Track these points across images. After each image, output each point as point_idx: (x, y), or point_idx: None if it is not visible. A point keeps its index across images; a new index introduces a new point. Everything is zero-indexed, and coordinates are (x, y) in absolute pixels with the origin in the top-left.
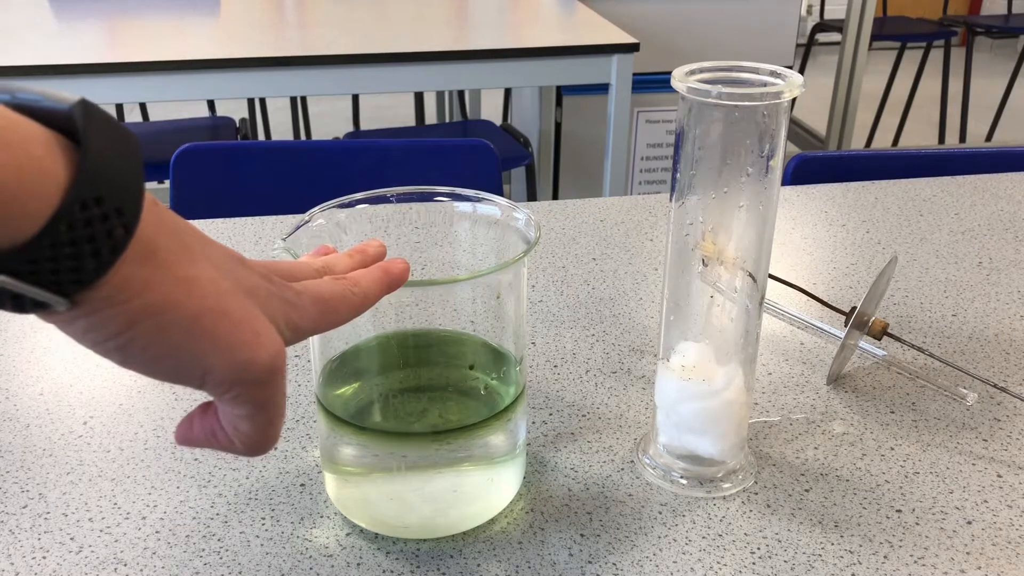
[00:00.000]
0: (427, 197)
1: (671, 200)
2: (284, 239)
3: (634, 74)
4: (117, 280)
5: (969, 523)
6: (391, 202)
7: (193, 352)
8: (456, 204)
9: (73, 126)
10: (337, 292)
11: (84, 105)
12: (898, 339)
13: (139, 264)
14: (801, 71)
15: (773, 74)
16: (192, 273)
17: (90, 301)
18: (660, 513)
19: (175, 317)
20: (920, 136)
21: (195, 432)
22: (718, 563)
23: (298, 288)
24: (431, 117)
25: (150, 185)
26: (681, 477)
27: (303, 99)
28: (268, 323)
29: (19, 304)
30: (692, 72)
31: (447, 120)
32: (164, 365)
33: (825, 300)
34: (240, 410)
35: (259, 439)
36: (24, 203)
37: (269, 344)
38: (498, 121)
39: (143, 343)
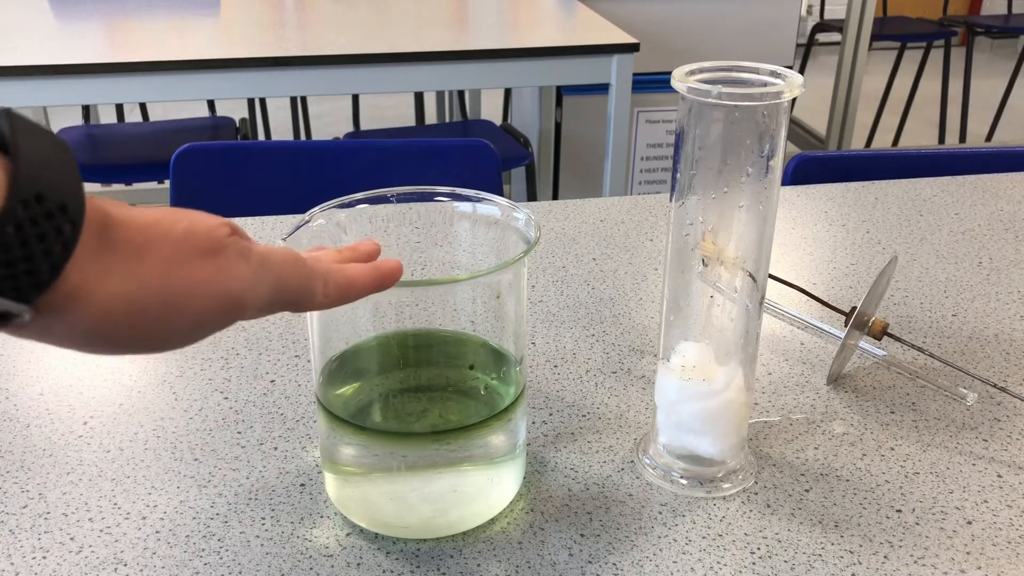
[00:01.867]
0: (427, 197)
1: (671, 200)
2: (284, 239)
3: (634, 74)
4: (75, 277)
5: (969, 523)
6: (391, 202)
7: (179, 312)
8: (456, 204)
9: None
10: (319, 265)
11: (7, 113)
12: (898, 339)
13: (92, 256)
14: (801, 71)
15: (773, 74)
16: (145, 244)
17: (55, 305)
18: (660, 513)
19: (145, 294)
20: (920, 136)
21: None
22: (718, 563)
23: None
24: (431, 117)
25: (150, 185)
26: (681, 477)
27: (303, 99)
28: (233, 261)
29: None
30: (692, 72)
31: (447, 120)
32: (159, 334)
33: (825, 300)
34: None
35: (319, 304)
36: None
37: (237, 278)
38: (498, 121)
39: (126, 328)
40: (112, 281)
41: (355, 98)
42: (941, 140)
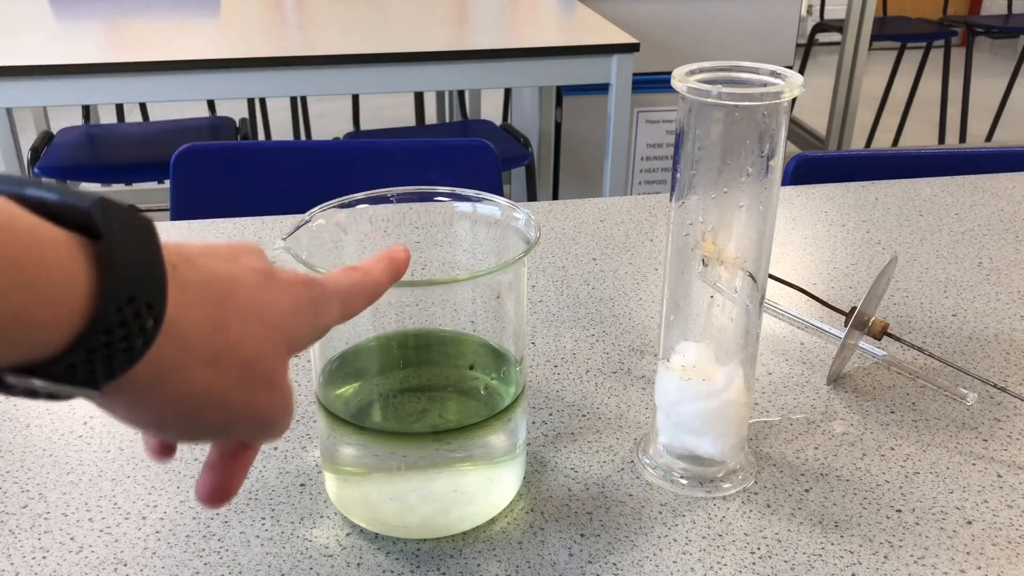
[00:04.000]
0: (427, 197)
1: (671, 200)
2: (284, 239)
3: (634, 74)
4: (147, 366)
5: (969, 523)
6: (391, 202)
7: (226, 425)
8: (456, 204)
9: (92, 224)
10: (355, 280)
11: (103, 204)
12: (898, 339)
13: (167, 347)
14: (801, 71)
15: (773, 74)
16: (220, 345)
17: (122, 389)
18: (660, 513)
19: (208, 401)
20: (920, 136)
21: (223, 476)
22: (718, 563)
23: (324, 282)
24: (431, 117)
25: (150, 185)
26: (681, 477)
27: (303, 99)
28: (285, 378)
29: (34, 395)
30: (692, 72)
31: (447, 120)
32: (198, 437)
33: (825, 300)
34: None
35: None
36: (52, 307)
37: (286, 410)
38: (498, 121)
39: (185, 425)
40: (182, 382)
41: (355, 98)
42: (941, 140)
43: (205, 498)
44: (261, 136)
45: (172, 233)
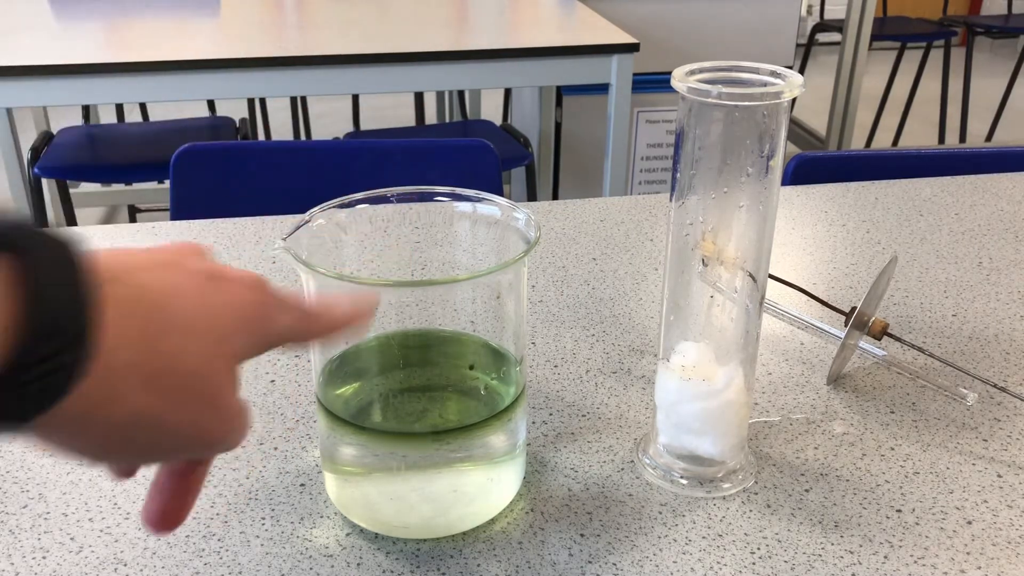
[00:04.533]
0: (427, 197)
1: (671, 200)
2: (284, 239)
3: (634, 74)
4: (77, 398)
5: (969, 523)
6: (391, 202)
7: (168, 447)
8: (456, 204)
9: (14, 249)
10: (319, 304)
11: (24, 231)
12: (898, 339)
13: (98, 376)
14: (801, 71)
15: (773, 74)
16: (154, 365)
17: (52, 423)
18: (660, 513)
19: (146, 425)
20: (920, 136)
21: (173, 498)
22: (718, 563)
23: (282, 290)
24: (431, 117)
25: (150, 185)
26: (681, 477)
27: (303, 99)
28: (232, 393)
29: None
30: (692, 72)
31: (447, 120)
32: (143, 461)
33: (825, 300)
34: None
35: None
36: None
37: (233, 427)
38: (498, 121)
39: (125, 452)
40: (117, 409)
41: (355, 98)
42: (941, 140)
43: (154, 523)
44: (261, 136)
45: (172, 233)
